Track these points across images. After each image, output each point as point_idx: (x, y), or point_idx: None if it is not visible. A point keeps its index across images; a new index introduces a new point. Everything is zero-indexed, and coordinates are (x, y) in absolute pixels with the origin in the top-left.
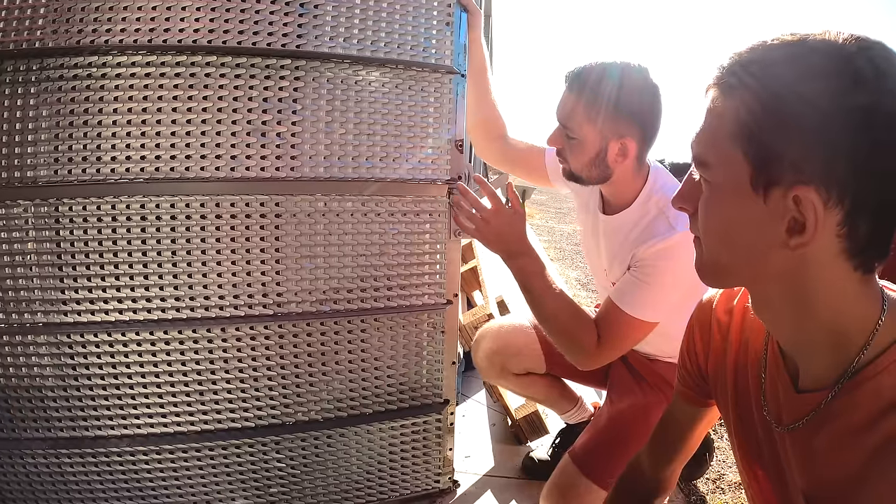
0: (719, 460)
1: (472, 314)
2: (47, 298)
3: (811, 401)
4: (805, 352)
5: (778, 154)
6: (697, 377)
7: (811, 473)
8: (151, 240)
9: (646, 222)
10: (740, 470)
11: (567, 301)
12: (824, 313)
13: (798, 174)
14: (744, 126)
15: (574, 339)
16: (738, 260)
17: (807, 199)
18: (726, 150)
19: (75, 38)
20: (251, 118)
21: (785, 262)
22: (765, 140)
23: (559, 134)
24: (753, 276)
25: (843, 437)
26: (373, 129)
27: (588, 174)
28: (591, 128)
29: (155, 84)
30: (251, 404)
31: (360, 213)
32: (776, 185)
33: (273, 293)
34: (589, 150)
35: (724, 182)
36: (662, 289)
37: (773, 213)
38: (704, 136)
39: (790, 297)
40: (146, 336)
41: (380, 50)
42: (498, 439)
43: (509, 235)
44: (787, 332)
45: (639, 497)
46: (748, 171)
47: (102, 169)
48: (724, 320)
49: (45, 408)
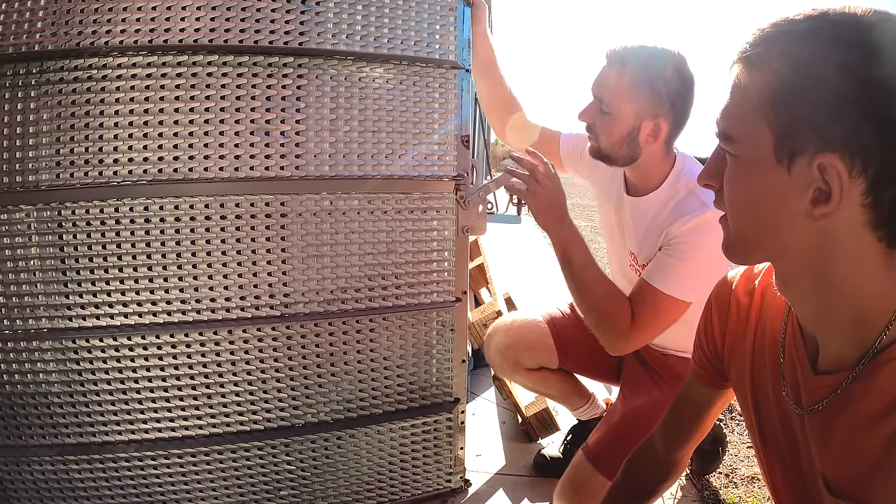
0: (731, 454)
1: (481, 311)
2: (52, 304)
3: (830, 382)
4: (826, 330)
5: (802, 123)
6: (713, 358)
7: (831, 457)
8: (156, 242)
9: (675, 202)
10: (757, 454)
11: (605, 278)
12: (847, 288)
13: (822, 142)
14: (768, 98)
15: (609, 316)
16: (763, 233)
17: (832, 166)
18: (750, 124)
19: (75, 39)
20: (254, 117)
21: (809, 234)
22: (788, 110)
23: (593, 108)
24: (778, 249)
25: (864, 421)
26: (377, 125)
27: (617, 152)
28: (629, 104)
29: (156, 85)
30: (260, 407)
31: (367, 211)
32: (800, 154)
33: (280, 294)
34: (622, 127)
35: (748, 155)
36: (697, 266)
37: (798, 183)
38: (729, 110)
39: (814, 270)
40: (152, 340)
41: (383, 46)
42: (508, 437)
43: (559, 200)
44: (810, 309)
45: (649, 481)
46: (771, 142)
47: (105, 172)
48: (745, 301)
49: (52, 414)
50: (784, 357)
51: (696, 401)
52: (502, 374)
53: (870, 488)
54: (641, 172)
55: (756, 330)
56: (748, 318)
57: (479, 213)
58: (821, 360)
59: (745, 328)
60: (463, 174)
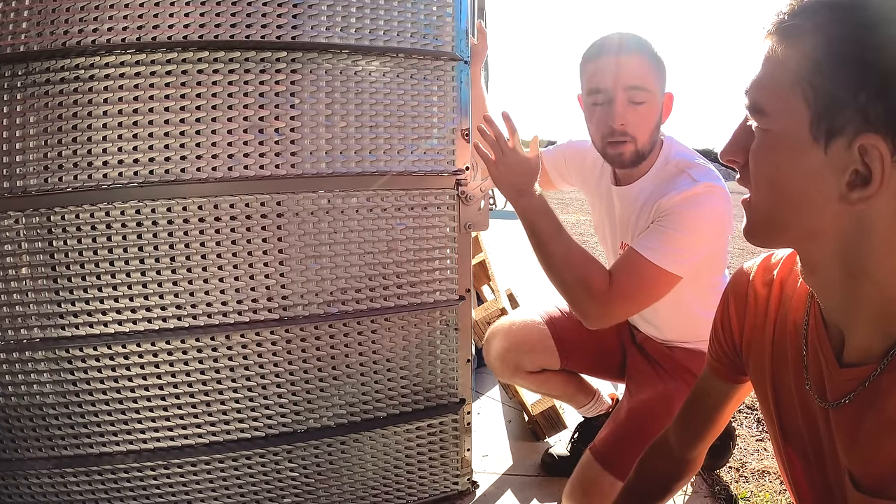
0: (741, 448)
1: (485, 309)
2: (43, 312)
3: (857, 375)
4: (853, 321)
5: (843, 102)
6: (731, 352)
7: (858, 453)
8: (149, 246)
9: (664, 182)
10: (776, 449)
11: (575, 244)
12: (878, 276)
13: (864, 122)
14: (806, 72)
15: (582, 281)
16: (792, 215)
17: (874, 148)
18: (786, 97)
19: (61, 39)
20: (248, 115)
21: (842, 219)
22: (829, 87)
23: (624, 107)
24: (807, 233)
25: (893, 416)
26: (375, 120)
27: (649, 142)
28: (658, 80)
29: (145, 83)
30: (261, 413)
31: (366, 208)
32: (839, 133)
33: (278, 297)
34: (656, 109)
35: (782, 130)
36: (686, 236)
37: (834, 164)
38: (762, 82)
39: (843, 257)
40: (148, 347)
41: (379, 38)
42: (515, 436)
43: (522, 174)
44: (837, 298)
45: (662, 480)
46: (808, 118)
47: (94, 175)
48: (763, 293)
49: (48, 426)
50: (807, 349)
51: (711, 396)
52: (503, 379)
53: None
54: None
55: (776, 322)
56: (767, 309)
57: (481, 208)
58: (846, 353)
59: (765, 320)
60: (464, 169)
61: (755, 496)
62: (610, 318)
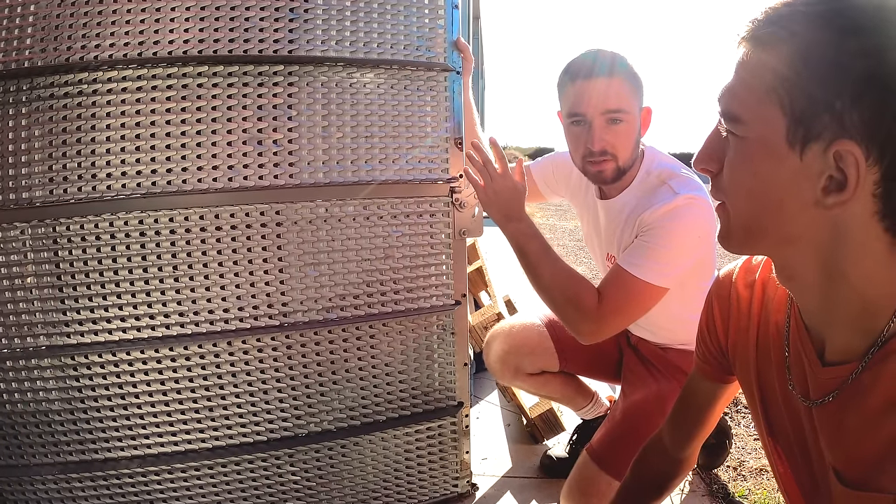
0: (738, 447)
1: (482, 314)
2: (49, 321)
3: (838, 374)
4: (832, 322)
5: (819, 109)
6: (717, 353)
7: (842, 449)
8: (152, 255)
9: (646, 195)
10: (765, 447)
11: (564, 265)
12: (854, 278)
13: (839, 128)
14: (782, 79)
15: (572, 300)
16: (768, 221)
17: (849, 154)
18: (761, 105)
19: (64, 55)
20: (246, 126)
21: (817, 223)
22: (805, 95)
23: (603, 128)
24: (783, 238)
25: (876, 409)
26: (370, 131)
27: (629, 158)
28: (635, 100)
29: (147, 97)
30: (262, 418)
31: (363, 216)
32: (815, 140)
33: (278, 303)
34: (634, 127)
35: (757, 137)
36: (669, 250)
37: (810, 170)
38: (736, 90)
39: (820, 261)
40: (151, 354)
41: (373, 51)
42: (514, 439)
43: (510, 201)
44: (815, 302)
45: (658, 478)
46: (784, 125)
47: (98, 186)
48: (745, 295)
49: (53, 432)
50: (789, 350)
51: (701, 396)
52: (503, 381)
53: (885, 474)
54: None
55: (759, 323)
56: (750, 311)
57: (475, 215)
58: (828, 352)
59: (748, 322)
60: (457, 176)
61: (753, 494)
62: (602, 333)
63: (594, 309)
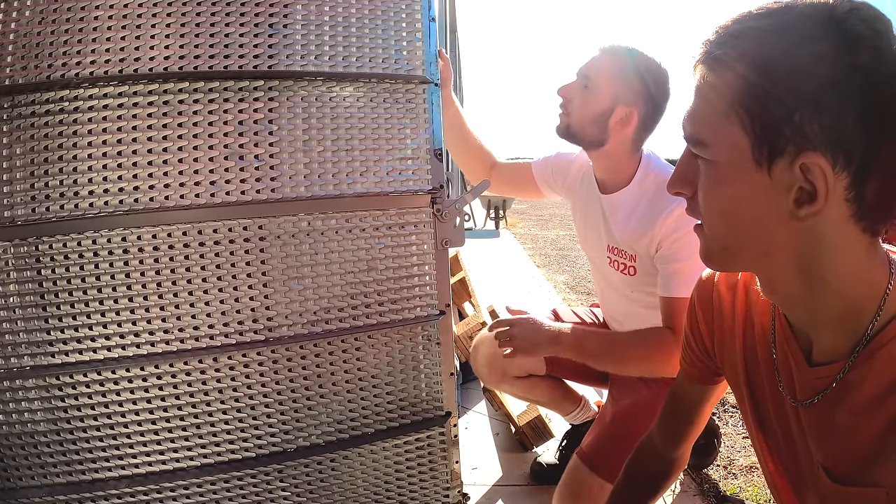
0: (728, 446)
1: (466, 324)
2: (33, 340)
3: (826, 374)
4: (818, 325)
5: (779, 123)
6: (703, 355)
7: (831, 447)
8: (135, 272)
9: (648, 198)
10: (754, 445)
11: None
12: (835, 282)
13: (802, 140)
14: (739, 99)
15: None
16: (746, 239)
17: (815, 165)
18: (723, 127)
19: (45, 72)
20: (228, 142)
21: (794, 235)
22: (764, 111)
23: (575, 85)
24: (762, 253)
25: (863, 406)
26: (350, 144)
27: (583, 131)
28: (610, 84)
29: (128, 114)
30: (250, 433)
31: (345, 229)
32: (780, 155)
33: (263, 318)
34: (598, 105)
35: (724, 160)
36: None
37: (779, 185)
38: (698, 114)
39: (801, 270)
40: (137, 372)
41: (352, 65)
42: (503, 448)
43: (534, 332)
44: (800, 308)
45: (650, 480)
46: (749, 144)
47: (81, 204)
48: (728, 297)
49: (40, 454)
50: (776, 352)
51: (689, 398)
52: (491, 385)
53: (875, 469)
54: (610, 166)
55: (744, 324)
56: (734, 313)
57: (456, 225)
58: (815, 353)
59: (733, 324)
60: (438, 187)
61: (744, 491)
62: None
63: (675, 342)
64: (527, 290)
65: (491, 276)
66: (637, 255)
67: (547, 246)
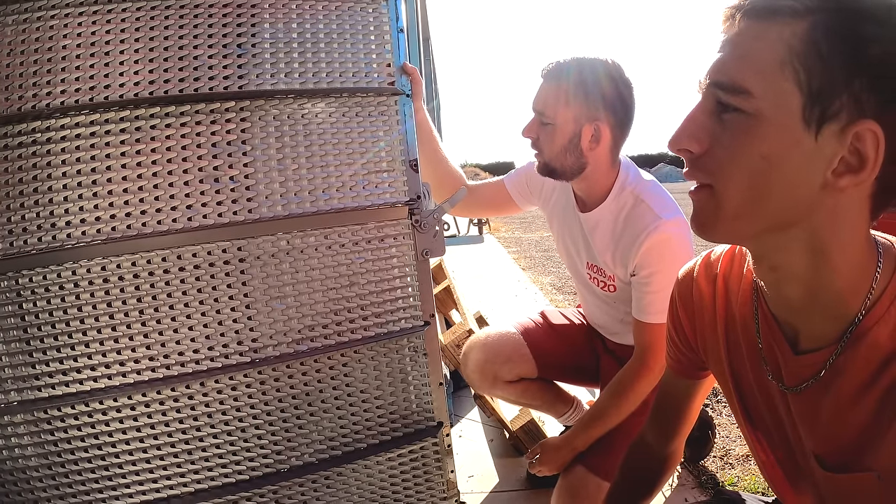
0: (723, 436)
1: (453, 332)
2: (18, 375)
3: (813, 361)
4: (809, 310)
5: (838, 86)
6: (687, 350)
7: (821, 434)
8: (117, 301)
9: (625, 213)
10: (746, 436)
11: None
12: (841, 262)
13: (858, 108)
14: (797, 54)
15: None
16: (770, 205)
17: (871, 134)
18: (774, 77)
19: (16, 105)
20: (202, 165)
21: (819, 206)
22: (824, 70)
23: (534, 123)
24: (782, 223)
25: (852, 391)
26: (325, 160)
27: (562, 163)
28: (565, 110)
29: (101, 142)
30: (242, 456)
31: (324, 246)
32: (832, 119)
33: (248, 339)
34: (563, 134)
35: (770, 113)
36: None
37: (823, 150)
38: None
39: (813, 246)
40: (125, 401)
41: (322, 80)
42: (498, 454)
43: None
44: (797, 291)
45: (647, 477)
46: (799, 102)
47: (59, 235)
48: (707, 290)
49: (32, 489)
50: (762, 342)
51: (677, 394)
52: (482, 391)
53: (866, 454)
54: (589, 185)
55: (725, 317)
56: (714, 306)
57: (436, 234)
58: (802, 340)
59: (713, 316)
60: (415, 198)
61: (742, 480)
62: (656, 378)
63: (652, 371)
64: (513, 294)
65: (477, 281)
66: (615, 276)
67: (531, 248)
